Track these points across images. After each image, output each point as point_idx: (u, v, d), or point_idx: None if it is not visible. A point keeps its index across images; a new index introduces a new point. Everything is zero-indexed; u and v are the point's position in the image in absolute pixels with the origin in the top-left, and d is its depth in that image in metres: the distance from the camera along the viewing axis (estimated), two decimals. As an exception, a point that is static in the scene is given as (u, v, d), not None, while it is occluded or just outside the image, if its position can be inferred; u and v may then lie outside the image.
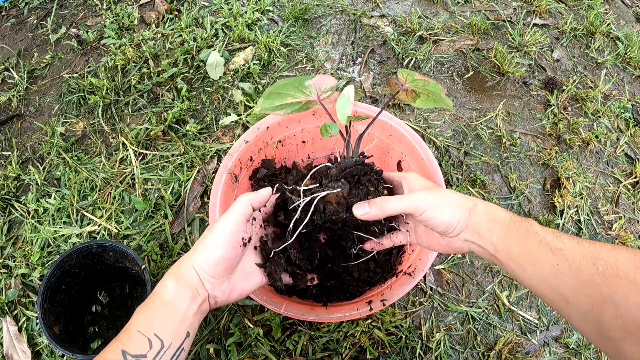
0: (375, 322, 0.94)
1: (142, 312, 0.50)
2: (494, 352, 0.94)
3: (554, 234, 0.47)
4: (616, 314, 0.39)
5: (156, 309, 0.50)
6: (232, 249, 0.53)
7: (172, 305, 0.50)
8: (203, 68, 1.34)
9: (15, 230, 1.08)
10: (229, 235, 0.53)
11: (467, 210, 0.53)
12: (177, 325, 0.49)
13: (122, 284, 1.00)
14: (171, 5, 1.53)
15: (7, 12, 1.56)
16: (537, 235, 0.48)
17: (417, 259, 0.77)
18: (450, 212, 0.52)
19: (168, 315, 0.49)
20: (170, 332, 0.48)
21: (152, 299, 0.51)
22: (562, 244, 0.45)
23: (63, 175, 1.14)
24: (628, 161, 1.28)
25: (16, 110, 1.30)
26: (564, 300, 0.44)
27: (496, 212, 0.52)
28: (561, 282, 0.44)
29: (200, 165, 1.15)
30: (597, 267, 0.42)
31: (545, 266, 0.45)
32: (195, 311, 0.51)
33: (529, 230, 0.49)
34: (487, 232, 0.51)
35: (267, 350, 0.90)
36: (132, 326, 0.49)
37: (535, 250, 0.47)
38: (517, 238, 0.49)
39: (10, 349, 0.92)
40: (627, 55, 1.50)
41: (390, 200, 0.55)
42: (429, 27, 1.50)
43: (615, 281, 0.40)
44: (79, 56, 1.41)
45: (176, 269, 0.53)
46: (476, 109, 1.32)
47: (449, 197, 0.54)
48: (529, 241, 0.48)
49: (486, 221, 0.51)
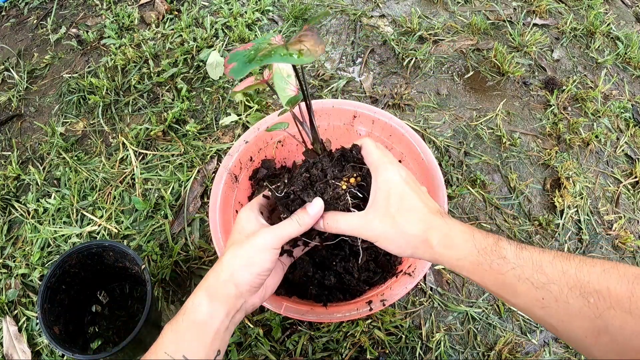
0: (375, 322, 0.94)
1: (170, 332, 0.48)
2: (494, 352, 0.94)
3: (533, 264, 0.42)
4: (612, 342, 0.37)
5: (186, 330, 0.48)
6: (275, 261, 0.53)
7: (204, 326, 0.48)
8: (203, 68, 1.34)
9: (15, 230, 1.08)
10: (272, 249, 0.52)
11: (420, 245, 0.48)
12: (208, 346, 0.48)
13: (122, 284, 1.00)
14: (171, 5, 1.52)
15: (7, 12, 1.56)
16: (514, 271, 0.43)
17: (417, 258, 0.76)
18: (399, 249, 0.50)
19: (199, 335, 0.48)
20: (200, 354, 0.47)
21: (182, 318, 0.49)
22: (545, 277, 0.41)
23: (63, 175, 1.14)
24: (628, 161, 1.28)
25: (16, 110, 1.30)
26: (553, 328, 0.42)
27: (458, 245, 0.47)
28: (548, 314, 0.41)
29: (200, 165, 1.15)
30: (588, 299, 0.38)
31: (528, 299, 0.42)
32: (228, 326, 0.50)
33: (502, 266, 0.43)
34: (453, 268, 0.47)
35: (267, 350, 0.90)
36: (160, 347, 0.47)
37: (515, 285, 0.43)
38: (490, 274, 0.44)
39: (10, 349, 0.92)
40: (627, 55, 1.50)
41: (342, 221, 0.53)
42: (429, 27, 1.50)
43: (610, 313, 0.37)
44: (79, 56, 1.41)
45: (211, 282, 0.51)
46: (476, 109, 1.32)
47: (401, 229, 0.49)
48: (505, 277, 0.43)
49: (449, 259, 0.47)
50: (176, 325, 0.48)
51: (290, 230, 0.52)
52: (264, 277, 0.52)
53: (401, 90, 1.33)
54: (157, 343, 0.48)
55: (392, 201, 0.50)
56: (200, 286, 0.51)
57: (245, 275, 0.50)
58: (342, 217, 0.53)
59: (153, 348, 0.48)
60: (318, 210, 0.53)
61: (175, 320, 0.49)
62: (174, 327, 0.48)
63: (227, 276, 0.50)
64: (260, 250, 0.51)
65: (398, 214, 0.49)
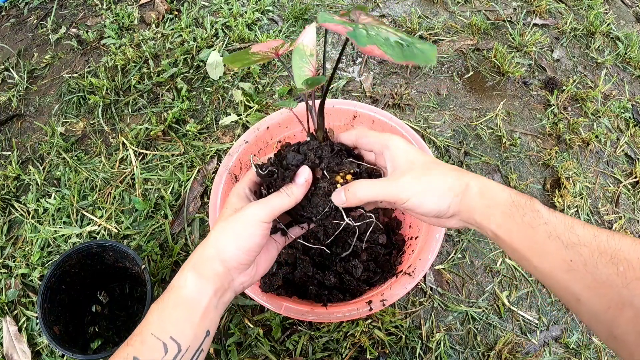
0: (375, 322, 0.94)
1: (156, 312, 0.45)
2: (494, 352, 0.94)
3: (565, 224, 0.40)
4: (634, 318, 0.36)
5: (173, 308, 0.45)
6: (265, 236, 0.49)
7: (191, 303, 0.45)
8: (203, 68, 1.34)
9: (15, 230, 1.08)
10: (261, 223, 0.48)
11: (457, 195, 0.46)
12: (196, 325, 0.45)
13: (122, 284, 1.00)
14: (171, 5, 1.52)
15: (7, 12, 1.56)
16: (545, 226, 0.41)
17: (417, 259, 0.77)
18: (437, 200, 0.46)
19: (187, 314, 0.45)
20: (188, 334, 0.44)
21: (169, 296, 0.46)
22: (577, 238, 0.39)
23: (63, 175, 1.14)
24: (628, 161, 1.28)
25: (16, 110, 1.30)
26: (575, 298, 0.39)
27: (494, 193, 0.45)
28: (573, 279, 0.38)
29: (200, 165, 1.15)
30: (618, 267, 0.37)
31: (555, 260, 0.39)
32: (217, 305, 0.47)
33: (534, 219, 0.42)
34: (483, 218, 0.44)
35: (267, 350, 0.90)
36: (146, 328, 0.44)
37: (544, 242, 0.40)
38: (520, 227, 0.42)
39: (10, 349, 0.92)
40: (627, 55, 1.50)
41: (363, 186, 0.49)
42: (429, 27, 1.50)
43: (637, 284, 0.36)
44: (79, 56, 1.41)
45: (197, 258, 0.48)
46: (476, 109, 1.32)
47: (435, 180, 0.47)
48: (536, 232, 0.41)
49: (482, 206, 0.44)
50: (162, 304, 0.45)
51: (279, 202, 0.49)
52: (253, 254, 0.49)
53: (401, 90, 1.33)
54: (142, 323, 0.45)
55: (417, 162, 0.48)
56: (187, 264, 0.48)
57: (232, 251, 0.47)
58: (367, 183, 0.49)
59: (138, 329, 0.44)
60: (307, 179, 0.50)
61: (161, 299, 0.46)
62: (160, 307, 0.45)
63: (213, 252, 0.47)
64: (249, 224, 0.47)
65: (429, 170, 0.47)
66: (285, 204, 0.49)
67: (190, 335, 0.44)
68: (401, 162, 0.49)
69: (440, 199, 0.46)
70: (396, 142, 0.50)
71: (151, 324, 0.44)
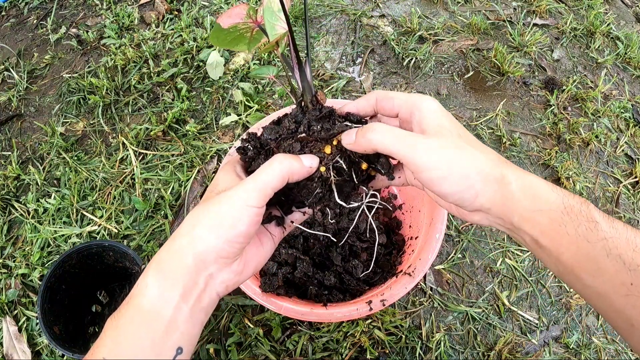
0: (375, 322, 0.94)
1: (110, 329, 0.36)
2: (494, 352, 0.94)
3: (628, 239, 0.34)
4: None
5: (129, 324, 0.36)
6: (255, 224, 0.39)
7: (151, 315, 0.36)
8: (203, 68, 1.34)
9: (15, 230, 1.08)
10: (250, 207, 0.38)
11: (492, 183, 0.37)
12: (159, 342, 0.35)
13: (122, 284, 1.00)
14: (171, 5, 1.53)
15: (7, 12, 1.56)
16: (605, 242, 0.34)
17: (417, 259, 0.77)
18: (464, 183, 0.37)
19: (145, 329, 0.35)
20: (147, 354, 0.35)
21: (126, 307, 0.36)
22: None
23: (63, 175, 1.14)
24: (628, 161, 1.28)
25: (16, 110, 1.30)
26: (629, 323, 0.34)
27: (540, 193, 0.36)
28: (631, 304, 0.33)
29: (200, 165, 1.15)
30: None
31: (613, 282, 0.34)
32: (190, 314, 0.37)
33: (592, 232, 0.34)
34: (525, 222, 0.36)
35: (267, 350, 0.90)
36: (98, 351, 0.35)
37: (602, 260, 0.34)
38: (573, 239, 0.35)
39: (10, 349, 0.92)
40: (627, 55, 1.50)
41: (380, 129, 0.39)
42: (429, 27, 1.50)
43: None
44: (79, 56, 1.41)
45: (163, 254, 0.38)
46: (476, 109, 1.32)
47: (464, 157, 0.37)
48: (593, 247, 0.34)
49: (526, 208, 0.36)
50: (118, 318, 0.36)
51: (268, 176, 0.38)
52: (237, 245, 0.38)
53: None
54: (96, 344, 0.36)
55: (450, 130, 0.39)
56: (150, 263, 0.38)
57: (209, 240, 0.37)
58: (385, 127, 0.40)
59: (92, 349, 0.36)
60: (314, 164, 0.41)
61: (118, 312, 0.37)
62: (114, 323, 0.36)
63: (184, 243, 0.37)
64: (232, 207, 0.37)
65: (460, 142, 0.39)
66: (276, 177, 0.39)
67: (150, 356, 0.35)
68: (431, 126, 0.40)
69: (469, 183, 0.37)
70: (429, 104, 0.42)
71: (104, 347, 0.35)
